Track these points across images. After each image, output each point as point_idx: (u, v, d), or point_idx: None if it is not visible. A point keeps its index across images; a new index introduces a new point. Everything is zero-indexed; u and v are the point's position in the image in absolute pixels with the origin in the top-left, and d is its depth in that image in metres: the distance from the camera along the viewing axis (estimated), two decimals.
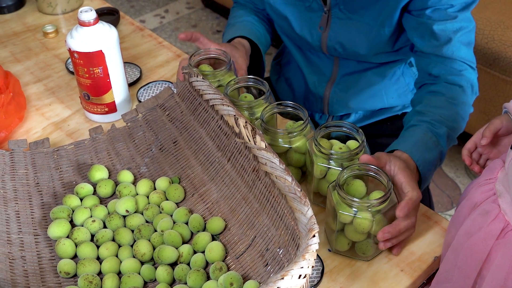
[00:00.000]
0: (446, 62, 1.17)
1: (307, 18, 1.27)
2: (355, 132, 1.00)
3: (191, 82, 1.11)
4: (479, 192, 0.88)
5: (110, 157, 1.11)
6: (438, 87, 1.17)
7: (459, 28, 1.15)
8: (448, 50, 1.16)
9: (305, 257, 0.74)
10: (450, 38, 1.15)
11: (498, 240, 0.82)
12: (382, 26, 1.21)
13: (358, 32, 1.24)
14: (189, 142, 1.09)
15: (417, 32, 1.18)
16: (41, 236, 0.99)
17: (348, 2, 1.21)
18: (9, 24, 1.57)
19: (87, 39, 1.13)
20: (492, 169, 0.89)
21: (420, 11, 1.16)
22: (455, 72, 1.16)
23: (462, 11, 1.15)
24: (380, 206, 0.90)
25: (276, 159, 0.90)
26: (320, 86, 1.39)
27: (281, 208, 0.90)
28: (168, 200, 1.03)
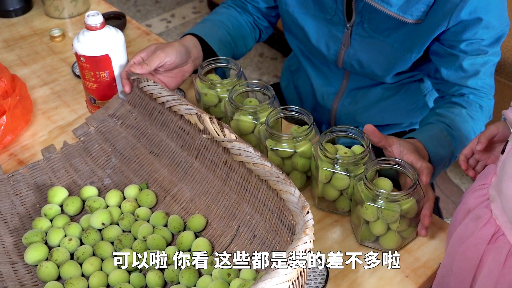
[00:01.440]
0: (470, 89, 1.20)
1: (326, 31, 1.25)
2: (360, 137, 1.00)
3: (142, 87, 1.11)
4: (473, 197, 0.88)
5: (70, 175, 1.09)
6: (459, 100, 1.20)
7: (487, 61, 1.16)
8: (473, 82, 1.18)
9: (306, 232, 0.78)
10: (478, 71, 1.16)
11: (490, 245, 0.82)
12: (409, 51, 1.18)
13: (379, 52, 1.21)
14: (149, 147, 1.09)
15: (446, 62, 1.17)
16: (18, 263, 0.96)
17: (374, 21, 1.18)
18: (16, 28, 1.56)
19: (94, 43, 1.12)
20: (486, 174, 0.89)
21: (452, 43, 1.15)
22: (478, 94, 1.20)
23: (493, 45, 1.15)
24: (408, 199, 0.92)
25: (250, 148, 0.93)
26: (328, 98, 1.37)
27: (262, 194, 0.93)
28: (142, 207, 1.03)
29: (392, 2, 1.11)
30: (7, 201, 1.04)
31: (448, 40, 1.14)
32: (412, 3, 1.11)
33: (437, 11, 1.11)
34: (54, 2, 1.57)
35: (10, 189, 1.06)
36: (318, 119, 1.43)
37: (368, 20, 1.18)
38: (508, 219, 0.81)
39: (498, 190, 0.83)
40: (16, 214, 1.03)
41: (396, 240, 0.96)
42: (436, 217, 1.04)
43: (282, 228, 0.89)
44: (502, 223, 0.81)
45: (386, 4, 1.11)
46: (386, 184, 0.97)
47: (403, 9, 1.12)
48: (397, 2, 1.11)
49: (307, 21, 1.26)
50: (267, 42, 3.06)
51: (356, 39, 1.22)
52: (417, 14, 1.12)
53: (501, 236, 0.81)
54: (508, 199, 0.79)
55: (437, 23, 1.12)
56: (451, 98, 1.21)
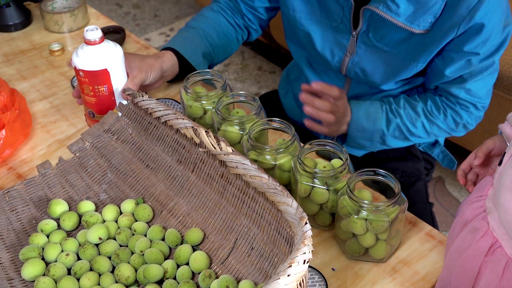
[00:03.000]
0: (447, 93, 1.23)
1: (331, 38, 1.25)
2: (339, 151, 1.00)
3: (137, 102, 1.11)
4: (470, 209, 0.88)
5: (66, 190, 1.09)
6: (429, 96, 1.26)
7: (476, 73, 1.18)
8: (456, 90, 1.21)
9: (305, 243, 0.78)
10: (464, 80, 1.19)
11: (487, 257, 0.82)
12: (415, 61, 1.19)
13: (384, 62, 1.22)
14: (145, 161, 1.09)
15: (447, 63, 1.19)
16: (16, 279, 0.95)
17: (379, 31, 1.18)
18: (16, 42, 1.57)
19: (93, 58, 1.12)
20: (483, 186, 0.89)
21: (452, 48, 1.16)
22: (452, 102, 1.24)
23: (488, 58, 1.17)
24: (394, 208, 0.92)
25: (246, 160, 0.93)
26: None
27: (260, 206, 0.93)
28: (139, 221, 1.03)
29: (400, 12, 1.12)
30: (3, 217, 1.04)
31: (449, 47, 1.16)
32: (420, 14, 1.12)
33: (444, 22, 1.12)
34: (54, 16, 1.58)
35: (5, 205, 1.05)
36: None
37: (374, 30, 1.18)
38: (505, 231, 0.80)
39: (495, 202, 0.83)
40: (12, 230, 1.02)
41: (386, 249, 0.96)
42: (435, 230, 1.04)
43: (280, 240, 0.89)
44: (499, 235, 0.81)
45: (394, 14, 1.12)
46: (367, 195, 0.98)
47: (410, 20, 1.13)
48: (405, 12, 1.12)
49: (313, 27, 1.26)
50: (266, 56, 3.07)
51: (361, 47, 1.23)
52: (424, 24, 1.13)
53: (498, 248, 0.81)
54: (505, 211, 0.79)
55: (443, 34, 1.13)
56: (427, 92, 1.27)
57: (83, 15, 1.62)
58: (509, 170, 0.79)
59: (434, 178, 2.31)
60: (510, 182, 0.77)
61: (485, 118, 1.99)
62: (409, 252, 1.00)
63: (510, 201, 0.77)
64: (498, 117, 2.00)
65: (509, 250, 0.80)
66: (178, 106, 1.32)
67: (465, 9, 1.08)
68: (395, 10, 1.11)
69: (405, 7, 1.11)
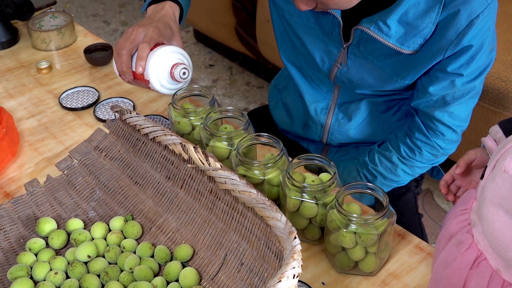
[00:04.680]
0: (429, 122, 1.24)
1: (322, 46, 1.26)
2: (327, 165, 1.00)
3: (125, 119, 1.11)
4: (454, 222, 0.88)
5: (54, 208, 1.08)
6: (402, 140, 1.29)
7: (458, 96, 1.19)
8: (440, 114, 1.21)
9: (294, 257, 0.78)
10: (447, 103, 1.19)
11: (472, 270, 0.82)
12: (401, 78, 1.20)
13: (371, 74, 1.23)
14: (134, 178, 1.09)
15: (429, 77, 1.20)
16: None
17: (370, 46, 1.18)
18: (3, 60, 1.58)
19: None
20: (467, 199, 0.90)
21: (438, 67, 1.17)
22: (435, 130, 1.24)
23: (472, 81, 1.17)
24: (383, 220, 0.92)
25: (235, 175, 0.93)
26: (321, 113, 1.38)
27: (249, 221, 0.92)
28: (128, 238, 1.03)
29: (391, 34, 1.13)
30: None
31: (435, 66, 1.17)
32: (410, 36, 1.13)
33: (432, 45, 1.13)
34: (41, 34, 1.58)
35: None
36: (310, 137, 1.44)
37: (365, 44, 1.19)
38: (489, 243, 0.81)
39: (478, 215, 0.83)
40: (0, 249, 1.02)
41: (375, 262, 0.96)
42: (423, 242, 1.04)
43: (269, 255, 0.89)
44: (483, 248, 0.82)
45: (385, 35, 1.13)
46: (356, 208, 0.98)
47: (400, 41, 1.14)
48: (396, 34, 1.13)
49: (306, 32, 1.27)
50: (253, 71, 3.08)
51: (350, 58, 1.23)
52: (413, 46, 1.14)
53: (483, 260, 0.82)
54: (489, 224, 0.79)
55: (431, 56, 1.14)
56: (410, 130, 1.28)
57: (71, 33, 1.62)
58: (491, 184, 0.79)
59: (423, 191, 2.32)
60: (492, 196, 0.78)
61: (472, 130, 2.03)
62: (398, 264, 1.00)
63: (492, 214, 0.78)
64: (484, 129, 2.02)
65: (493, 263, 0.81)
66: (166, 123, 1.32)
67: (454, 33, 1.09)
68: (386, 31, 1.13)
69: (396, 29, 1.12)
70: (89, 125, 1.33)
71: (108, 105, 1.38)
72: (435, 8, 1.09)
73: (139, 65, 1.13)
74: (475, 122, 1.97)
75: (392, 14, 1.11)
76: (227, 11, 2.78)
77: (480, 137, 1.99)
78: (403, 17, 1.11)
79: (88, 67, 1.54)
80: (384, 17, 1.12)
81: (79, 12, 3.75)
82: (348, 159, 1.38)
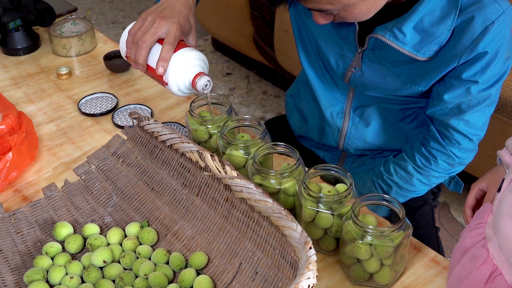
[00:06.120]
0: (445, 131, 1.23)
1: (337, 49, 1.25)
2: (343, 175, 1.00)
3: (143, 126, 1.12)
4: (469, 236, 0.87)
5: (71, 213, 1.09)
6: (417, 149, 1.28)
7: (473, 104, 1.18)
8: (455, 122, 1.20)
9: (309, 268, 0.78)
10: (463, 111, 1.18)
11: (487, 285, 0.81)
12: (415, 84, 1.20)
13: (384, 78, 1.23)
14: (151, 184, 1.09)
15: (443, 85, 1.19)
16: None
17: (384, 51, 1.18)
18: (23, 66, 1.60)
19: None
20: (483, 213, 0.89)
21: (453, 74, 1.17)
22: (451, 139, 1.23)
23: (487, 89, 1.16)
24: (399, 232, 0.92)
25: (251, 184, 0.93)
26: (337, 117, 1.37)
27: (264, 230, 0.93)
28: (143, 245, 1.03)
29: (406, 41, 1.13)
30: (8, 239, 1.04)
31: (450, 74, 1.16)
32: (426, 43, 1.13)
33: (447, 51, 1.12)
34: (62, 40, 1.60)
35: (11, 227, 1.05)
36: (327, 142, 1.43)
37: (380, 49, 1.19)
38: (505, 258, 0.80)
39: (494, 228, 0.82)
40: (17, 253, 1.03)
41: (390, 275, 0.95)
42: (440, 256, 1.03)
43: (284, 265, 0.89)
44: (499, 263, 0.81)
45: (401, 42, 1.13)
46: (372, 220, 0.98)
47: (416, 48, 1.13)
48: (411, 41, 1.13)
49: (321, 34, 1.27)
50: (271, 80, 3.09)
51: (365, 63, 1.23)
52: (429, 53, 1.14)
53: (498, 275, 0.81)
54: (505, 237, 0.78)
55: (446, 62, 1.13)
56: (426, 139, 1.27)
57: (91, 40, 1.64)
58: (508, 197, 0.79)
59: (439, 204, 2.30)
60: (509, 208, 0.77)
61: (490, 143, 2.01)
62: (414, 278, 0.99)
63: (509, 227, 0.77)
64: (501, 142, 1.98)
65: (509, 278, 0.80)
66: (184, 130, 1.33)
67: (468, 39, 1.09)
68: (402, 39, 1.12)
69: (411, 36, 1.12)
70: (107, 131, 1.34)
71: (126, 111, 1.39)
72: (451, 15, 1.09)
73: (161, 66, 1.11)
74: (493, 135, 1.96)
75: (408, 21, 1.11)
76: (246, 20, 2.79)
77: (498, 150, 1.98)
78: (419, 24, 1.11)
79: (107, 73, 1.56)
80: (399, 24, 1.12)
81: (99, 19, 3.78)
82: (364, 170, 1.38)
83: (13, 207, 1.14)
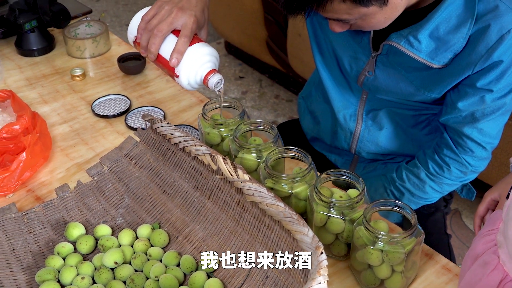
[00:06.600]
0: (458, 138, 1.22)
1: (351, 52, 1.25)
2: (355, 181, 1.00)
3: (155, 128, 1.12)
4: (481, 243, 0.87)
5: (83, 213, 1.10)
6: (430, 157, 1.27)
7: (488, 113, 1.17)
8: (469, 130, 1.19)
9: (320, 273, 0.78)
10: (477, 119, 1.17)
11: None
12: (429, 91, 1.19)
13: (398, 83, 1.22)
14: (162, 187, 1.10)
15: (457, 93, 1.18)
16: None
17: (399, 57, 1.17)
18: (38, 67, 1.62)
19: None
20: (494, 220, 0.88)
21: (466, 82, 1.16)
22: (464, 147, 1.22)
23: (502, 98, 1.15)
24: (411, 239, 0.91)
25: (263, 188, 0.93)
26: (350, 119, 1.37)
27: (275, 234, 0.93)
28: (154, 246, 1.03)
29: (422, 49, 1.12)
30: (21, 239, 1.05)
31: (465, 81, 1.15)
32: (441, 51, 1.12)
33: (462, 59, 1.12)
34: (76, 42, 1.61)
35: (23, 227, 1.06)
36: (339, 145, 1.43)
37: (394, 55, 1.18)
38: None
39: (504, 235, 0.82)
40: (29, 252, 1.03)
41: (401, 281, 0.95)
42: (451, 263, 1.03)
43: (295, 269, 0.88)
44: (509, 269, 0.81)
45: (416, 50, 1.13)
46: (384, 226, 0.97)
47: (431, 56, 1.13)
48: (426, 48, 1.12)
49: (336, 36, 1.27)
50: (283, 84, 3.09)
51: (379, 67, 1.22)
52: (443, 60, 1.13)
53: (509, 282, 0.80)
54: None
55: (460, 70, 1.13)
56: (439, 146, 1.26)
57: (105, 42, 1.65)
58: None
59: (451, 211, 2.29)
60: None
61: (503, 151, 2.00)
62: (425, 285, 0.99)
63: None
64: None
65: None
66: (196, 133, 1.33)
67: (484, 47, 1.08)
68: (417, 46, 1.12)
69: (426, 43, 1.11)
70: (120, 133, 1.34)
71: (139, 113, 1.40)
72: (467, 23, 1.08)
73: (175, 58, 1.10)
74: (506, 142, 1.95)
75: (423, 28, 1.10)
76: (259, 24, 2.80)
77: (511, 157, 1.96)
78: (434, 32, 1.10)
79: (121, 75, 1.56)
80: (415, 31, 1.11)
81: (113, 21, 3.80)
82: (376, 176, 1.37)
83: (26, 207, 1.15)
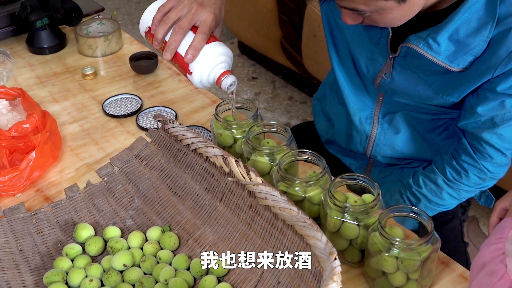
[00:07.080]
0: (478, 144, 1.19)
1: (368, 54, 1.23)
2: (370, 185, 0.98)
3: (167, 129, 1.11)
4: (488, 251, 0.86)
5: (92, 214, 1.08)
6: (448, 162, 1.24)
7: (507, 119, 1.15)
8: (488, 135, 1.17)
9: (333, 279, 0.76)
10: (497, 124, 1.15)
11: None
12: (448, 95, 1.17)
13: (415, 86, 1.20)
14: (173, 188, 1.08)
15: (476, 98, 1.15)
16: None
17: (417, 60, 1.15)
18: (49, 65, 1.60)
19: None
20: (503, 228, 0.87)
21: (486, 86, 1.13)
22: (483, 153, 1.19)
23: None
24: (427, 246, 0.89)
25: (276, 191, 0.91)
26: (366, 122, 1.34)
27: (288, 239, 0.90)
28: (164, 249, 1.01)
29: (441, 51, 1.10)
30: (29, 239, 1.03)
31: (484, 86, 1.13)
32: (461, 54, 1.09)
33: (482, 62, 1.09)
34: (88, 40, 1.59)
35: (32, 227, 1.05)
36: (354, 148, 1.40)
37: (412, 57, 1.16)
38: None
39: None
40: (38, 253, 1.02)
41: None
42: (468, 272, 1.00)
43: (307, 275, 0.86)
44: None
45: (435, 52, 1.10)
46: (399, 232, 0.95)
47: (450, 59, 1.10)
48: (445, 51, 1.10)
49: (353, 37, 1.24)
50: (297, 86, 3.07)
51: (396, 69, 1.20)
52: (463, 64, 1.10)
53: None
54: None
55: (480, 74, 1.10)
56: (457, 151, 1.24)
57: (117, 40, 1.63)
58: None
59: (468, 218, 2.26)
60: None
61: None
62: None
63: None
64: None
65: None
66: (208, 134, 1.31)
67: (505, 51, 1.05)
68: (436, 49, 1.09)
69: (446, 46, 1.09)
70: (130, 133, 1.33)
71: (151, 113, 1.38)
72: (488, 26, 1.05)
73: (190, 54, 1.07)
74: None
75: (443, 31, 1.08)
76: (273, 24, 2.78)
77: None
78: (454, 35, 1.08)
79: (133, 74, 1.55)
80: (434, 34, 1.09)
81: (125, 19, 3.80)
82: (391, 181, 1.35)
83: (34, 207, 1.13)
